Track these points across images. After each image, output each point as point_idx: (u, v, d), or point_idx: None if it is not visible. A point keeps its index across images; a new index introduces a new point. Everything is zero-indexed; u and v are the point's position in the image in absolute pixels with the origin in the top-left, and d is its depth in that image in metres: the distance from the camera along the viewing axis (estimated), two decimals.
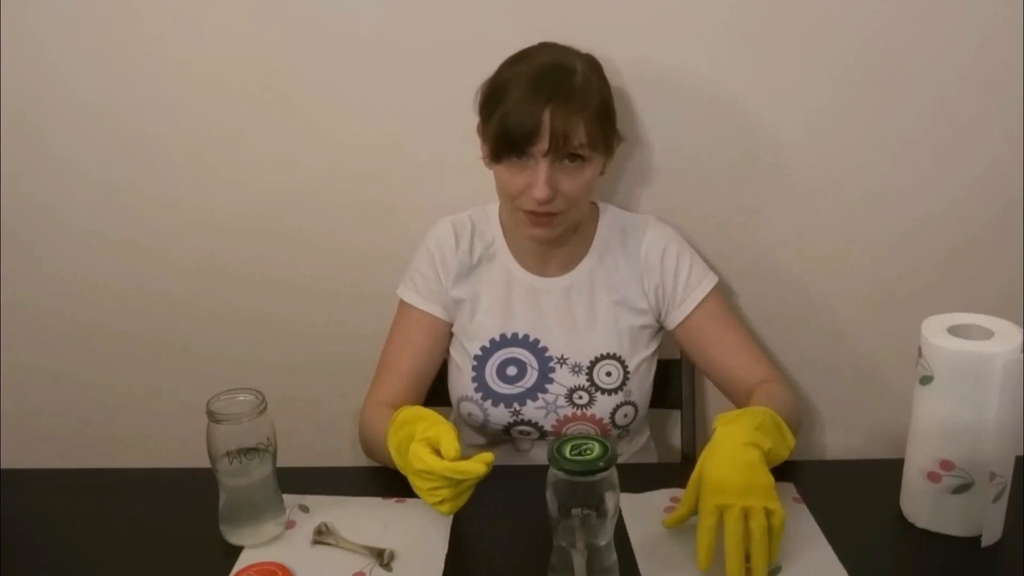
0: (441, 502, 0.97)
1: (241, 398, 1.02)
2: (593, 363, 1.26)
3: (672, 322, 1.29)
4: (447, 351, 1.32)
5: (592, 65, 1.20)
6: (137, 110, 1.43)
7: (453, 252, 1.27)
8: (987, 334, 0.98)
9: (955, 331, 0.99)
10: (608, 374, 1.26)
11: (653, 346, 1.32)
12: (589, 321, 1.27)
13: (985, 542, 0.98)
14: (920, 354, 1.00)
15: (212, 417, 0.99)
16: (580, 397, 1.25)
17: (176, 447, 1.25)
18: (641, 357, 1.28)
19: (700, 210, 1.41)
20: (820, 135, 1.38)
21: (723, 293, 1.34)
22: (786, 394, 1.21)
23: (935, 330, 0.99)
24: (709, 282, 1.28)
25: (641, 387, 1.29)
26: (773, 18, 1.31)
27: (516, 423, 1.27)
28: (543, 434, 1.28)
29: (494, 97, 1.16)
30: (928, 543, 1.01)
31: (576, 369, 1.26)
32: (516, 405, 1.25)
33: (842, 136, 1.37)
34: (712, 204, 1.42)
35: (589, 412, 1.25)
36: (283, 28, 1.37)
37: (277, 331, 1.55)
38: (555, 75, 1.14)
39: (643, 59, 1.34)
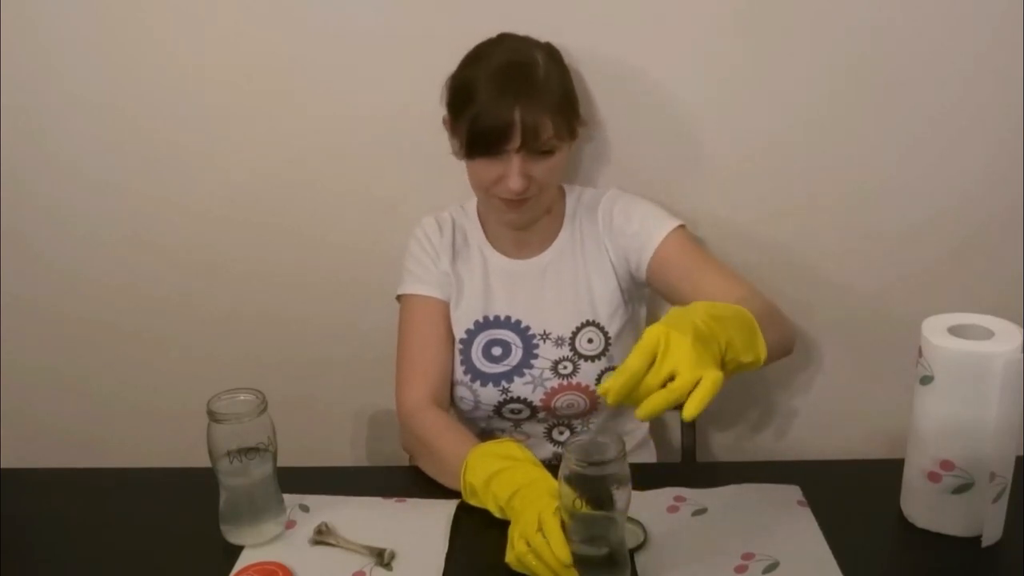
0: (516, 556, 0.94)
1: (241, 398, 1.02)
2: (574, 333, 1.28)
3: (641, 273, 1.28)
4: None
5: (552, 55, 1.24)
6: (137, 110, 1.43)
7: (439, 238, 1.32)
8: (987, 334, 0.98)
9: (955, 331, 0.98)
10: (589, 341, 1.28)
11: (634, 309, 1.33)
12: (567, 294, 1.30)
13: (985, 542, 0.98)
14: (920, 354, 0.99)
15: (212, 417, 0.99)
16: (564, 367, 1.28)
17: (176, 447, 1.25)
18: (621, 322, 1.30)
19: (700, 210, 1.41)
20: (821, 135, 1.37)
21: (689, 235, 1.30)
22: (766, 304, 1.15)
23: (935, 330, 0.99)
24: (668, 224, 1.27)
25: (625, 352, 1.26)
26: (774, 17, 1.31)
27: (506, 401, 1.29)
28: (533, 411, 1.29)
29: (461, 97, 1.20)
30: (928, 543, 1.01)
31: (559, 342, 1.28)
32: (504, 383, 1.28)
33: (842, 136, 1.37)
34: (712, 205, 1.42)
35: (574, 380, 1.27)
36: (284, 26, 1.37)
37: (278, 330, 1.55)
38: (519, 72, 1.17)
39: (644, 57, 1.35)
